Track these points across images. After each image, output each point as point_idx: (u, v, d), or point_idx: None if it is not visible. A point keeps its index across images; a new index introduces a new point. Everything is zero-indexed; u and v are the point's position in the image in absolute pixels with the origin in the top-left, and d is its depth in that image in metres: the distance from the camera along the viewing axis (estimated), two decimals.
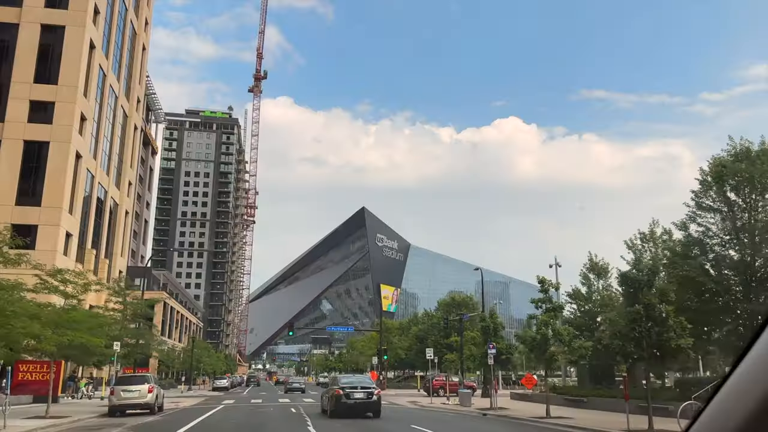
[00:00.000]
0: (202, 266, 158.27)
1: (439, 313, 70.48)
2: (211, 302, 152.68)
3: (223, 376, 74.16)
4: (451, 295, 72.26)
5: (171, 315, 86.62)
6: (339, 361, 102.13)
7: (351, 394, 25.10)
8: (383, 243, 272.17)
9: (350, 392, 25.15)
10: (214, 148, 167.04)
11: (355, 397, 25.08)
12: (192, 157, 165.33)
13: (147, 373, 36.74)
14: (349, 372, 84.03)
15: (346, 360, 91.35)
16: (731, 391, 1.38)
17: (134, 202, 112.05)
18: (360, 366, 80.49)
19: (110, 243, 75.51)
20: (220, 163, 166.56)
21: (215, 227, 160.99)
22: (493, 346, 30.21)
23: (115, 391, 28.32)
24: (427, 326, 72.26)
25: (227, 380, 69.13)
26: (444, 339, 64.18)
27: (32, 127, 52.99)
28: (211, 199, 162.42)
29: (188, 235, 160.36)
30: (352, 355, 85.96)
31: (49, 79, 54.61)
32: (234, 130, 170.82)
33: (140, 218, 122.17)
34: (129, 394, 27.90)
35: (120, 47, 71.53)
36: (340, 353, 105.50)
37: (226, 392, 63.27)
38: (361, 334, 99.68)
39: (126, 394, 27.87)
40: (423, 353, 66.43)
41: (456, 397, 37.13)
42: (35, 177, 52.85)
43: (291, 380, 71.11)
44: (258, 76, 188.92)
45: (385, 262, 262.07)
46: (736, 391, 1.36)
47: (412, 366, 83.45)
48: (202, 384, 78.57)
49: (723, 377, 1.45)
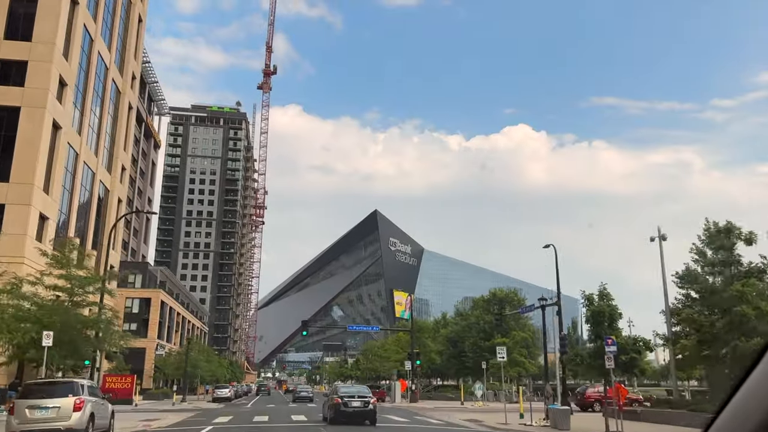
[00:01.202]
0: (208, 268, 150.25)
1: (477, 312, 61.56)
2: (217, 306, 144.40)
3: (225, 384, 65.16)
4: (492, 291, 63.20)
5: (170, 316, 78.33)
6: (356, 368, 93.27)
7: (349, 402, 26.75)
8: (396, 247, 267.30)
9: (348, 401, 26.81)
10: (221, 144, 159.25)
11: (353, 405, 26.70)
12: (198, 153, 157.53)
13: (77, 378, 23.41)
14: (370, 380, 75.21)
15: (365, 367, 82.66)
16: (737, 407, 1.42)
17: (134, 193, 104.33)
18: (382, 373, 71.20)
19: (99, 233, 67.31)
20: (228, 160, 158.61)
21: (222, 227, 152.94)
22: (612, 341, 21.12)
23: (17, 409, 18.37)
24: (461, 328, 63.51)
25: (229, 390, 60.45)
26: (485, 341, 55.16)
27: (1, 90, 45.13)
28: (218, 198, 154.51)
29: (194, 235, 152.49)
30: (371, 362, 77.14)
31: (22, 35, 46.82)
32: (242, 125, 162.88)
33: (141, 215, 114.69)
34: (41, 413, 18.24)
35: (111, 13, 63.57)
36: (357, 360, 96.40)
37: (228, 404, 54.95)
38: (383, 337, 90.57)
39: (36, 413, 18.23)
40: (456, 358, 57.68)
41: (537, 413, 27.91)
42: (3, 148, 44.79)
43: (299, 389, 69.66)
44: (267, 71, 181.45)
45: (398, 267, 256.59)
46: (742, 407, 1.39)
47: (441, 374, 74.34)
48: (203, 394, 69.33)
49: (730, 392, 1.48)
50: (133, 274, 73.38)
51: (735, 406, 1.44)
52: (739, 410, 1.40)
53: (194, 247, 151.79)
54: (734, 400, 1.44)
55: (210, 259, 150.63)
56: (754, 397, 1.35)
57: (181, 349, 62.85)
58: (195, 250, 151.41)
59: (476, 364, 52.22)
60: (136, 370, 66.24)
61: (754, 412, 1.33)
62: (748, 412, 1.35)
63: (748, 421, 1.33)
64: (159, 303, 72.24)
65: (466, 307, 70.83)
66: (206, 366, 62.09)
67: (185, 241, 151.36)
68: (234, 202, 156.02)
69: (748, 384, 1.39)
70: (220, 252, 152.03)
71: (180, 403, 51.70)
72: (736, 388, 1.44)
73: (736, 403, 1.44)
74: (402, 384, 54.37)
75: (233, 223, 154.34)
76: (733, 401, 1.45)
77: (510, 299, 59.52)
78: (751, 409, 1.35)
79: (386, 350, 68.07)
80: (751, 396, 1.37)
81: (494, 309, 57.59)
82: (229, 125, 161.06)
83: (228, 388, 62.79)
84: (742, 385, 1.41)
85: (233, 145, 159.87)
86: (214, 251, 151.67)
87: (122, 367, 64.00)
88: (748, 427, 1.33)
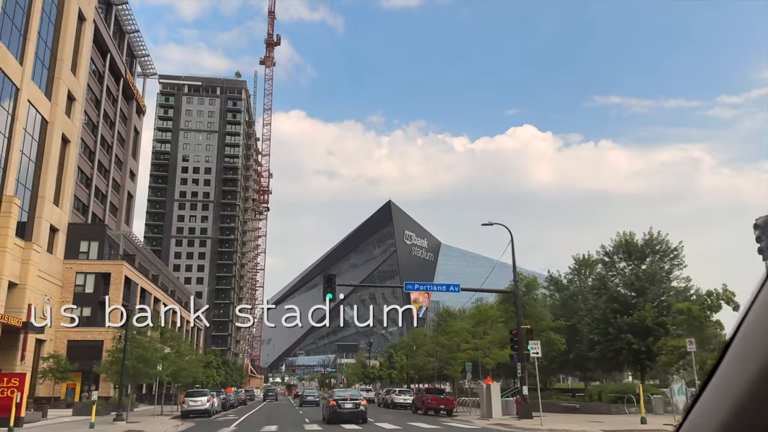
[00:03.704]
0: (205, 257, 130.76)
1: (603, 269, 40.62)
2: (216, 300, 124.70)
3: (201, 390, 42.78)
4: (621, 236, 42.12)
5: (144, 301, 58.51)
6: (388, 367, 72.62)
7: (342, 404, 31.49)
8: (412, 241, 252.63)
9: (342, 403, 31.60)
10: (218, 116, 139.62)
11: (346, 407, 31.35)
12: (192, 127, 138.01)
13: None
14: (424, 381, 55.10)
15: (407, 363, 62.01)
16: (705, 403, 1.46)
17: (110, 161, 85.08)
18: (446, 371, 47.89)
19: (36, 180, 47.98)
20: (226, 134, 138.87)
21: (220, 210, 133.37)
22: None
23: None
24: (566, 296, 43.34)
25: (208, 399, 39.44)
26: (625, 315, 34.44)
27: None
28: (215, 178, 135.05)
29: (188, 219, 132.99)
30: (416, 356, 56.13)
31: None
32: (242, 95, 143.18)
33: (121, 190, 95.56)
34: None
35: None
36: (389, 356, 75.00)
37: (203, 421, 35.85)
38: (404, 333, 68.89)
39: None
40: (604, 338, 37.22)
41: None
42: None
43: (305, 393, 67.60)
44: (270, 41, 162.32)
45: (414, 262, 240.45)
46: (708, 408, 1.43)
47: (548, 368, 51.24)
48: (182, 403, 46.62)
49: (699, 389, 1.51)
50: (86, 241, 53.74)
51: (701, 407, 1.46)
52: (705, 411, 1.42)
53: (188, 233, 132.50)
54: (700, 401, 1.46)
55: (207, 247, 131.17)
56: (717, 398, 1.37)
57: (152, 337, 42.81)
58: (189, 237, 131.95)
59: (628, 352, 32.95)
60: (88, 369, 46.49)
61: (716, 414, 1.35)
62: (712, 412, 1.38)
63: (712, 421, 1.36)
64: (122, 280, 52.48)
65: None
66: (175, 361, 42.03)
67: (178, 226, 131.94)
68: (234, 181, 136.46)
69: (711, 386, 1.41)
70: (219, 238, 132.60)
71: (112, 423, 31.10)
72: (702, 389, 1.45)
73: (702, 404, 1.45)
74: (488, 380, 34.00)
75: (233, 206, 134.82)
76: (699, 403, 1.47)
77: (651, 245, 38.75)
78: (713, 411, 1.37)
79: (456, 334, 44.46)
80: (714, 398, 1.39)
81: (632, 259, 38.10)
82: (227, 95, 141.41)
83: (206, 395, 42.39)
84: (707, 387, 1.42)
85: (232, 117, 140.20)
86: (212, 237, 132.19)
87: (63, 367, 44.28)
88: (712, 427, 1.35)
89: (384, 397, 55.77)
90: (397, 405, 49.48)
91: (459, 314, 58.30)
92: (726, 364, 1.37)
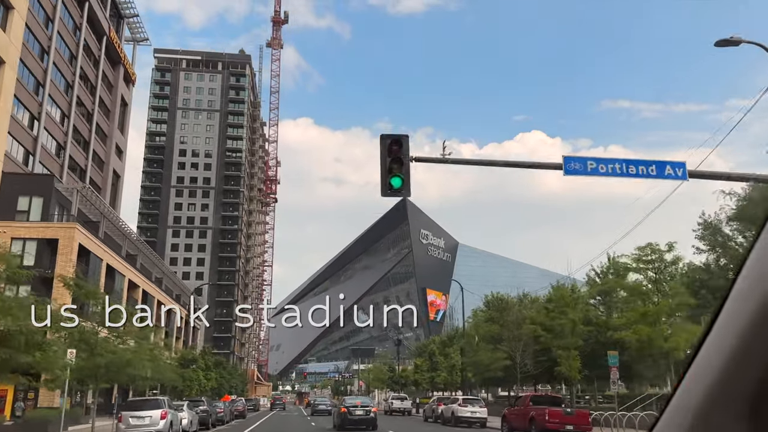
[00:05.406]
0: (205, 249, 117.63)
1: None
2: (217, 297, 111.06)
3: (150, 400, 26.53)
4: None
5: (109, 283, 44.08)
6: (428, 368, 57.53)
7: (353, 411, 31.77)
8: (428, 240, 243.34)
9: (353, 410, 31.84)
10: (219, 94, 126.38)
11: (356, 414, 31.62)
12: (191, 106, 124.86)
13: None
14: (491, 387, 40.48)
15: (456, 362, 47.80)
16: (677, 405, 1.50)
17: (90, 131, 71.30)
18: (526, 374, 33.61)
19: None
20: (228, 114, 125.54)
21: (222, 197, 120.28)
22: None
23: None
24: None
25: (162, 416, 23.76)
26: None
27: None
28: (217, 162, 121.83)
29: (186, 207, 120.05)
30: (478, 353, 41.42)
31: None
32: (246, 70, 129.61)
33: (106, 167, 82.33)
34: None
35: None
36: (430, 356, 59.79)
37: None
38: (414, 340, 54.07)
39: None
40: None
41: None
42: None
43: (317, 401, 66.68)
44: (277, 18, 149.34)
45: (431, 263, 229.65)
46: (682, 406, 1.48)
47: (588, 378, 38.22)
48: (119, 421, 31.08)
49: (672, 392, 1.55)
50: (27, 196, 39.59)
51: (675, 405, 1.48)
52: (679, 409, 1.45)
53: (187, 222, 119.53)
54: (674, 399, 1.49)
55: (207, 238, 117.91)
56: (689, 396, 1.40)
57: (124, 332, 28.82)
58: (188, 227, 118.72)
59: None
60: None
61: (688, 412, 1.38)
62: (685, 410, 1.40)
63: (686, 420, 1.39)
64: (74, 248, 37.84)
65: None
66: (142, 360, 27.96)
67: (175, 215, 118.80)
68: (238, 166, 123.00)
69: (683, 384, 1.44)
70: (221, 228, 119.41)
71: None
72: (676, 388, 1.48)
73: (675, 402, 1.48)
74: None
75: (237, 193, 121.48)
76: (673, 401, 1.50)
77: None
78: (686, 408, 1.40)
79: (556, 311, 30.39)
80: (686, 396, 1.42)
81: None
82: (229, 70, 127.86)
83: (160, 407, 27.32)
84: (680, 385, 1.46)
85: (235, 94, 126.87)
86: (213, 228, 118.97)
87: None
88: (686, 426, 1.38)
89: (434, 408, 40.81)
90: (461, 421, 34.65)
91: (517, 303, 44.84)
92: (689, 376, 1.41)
